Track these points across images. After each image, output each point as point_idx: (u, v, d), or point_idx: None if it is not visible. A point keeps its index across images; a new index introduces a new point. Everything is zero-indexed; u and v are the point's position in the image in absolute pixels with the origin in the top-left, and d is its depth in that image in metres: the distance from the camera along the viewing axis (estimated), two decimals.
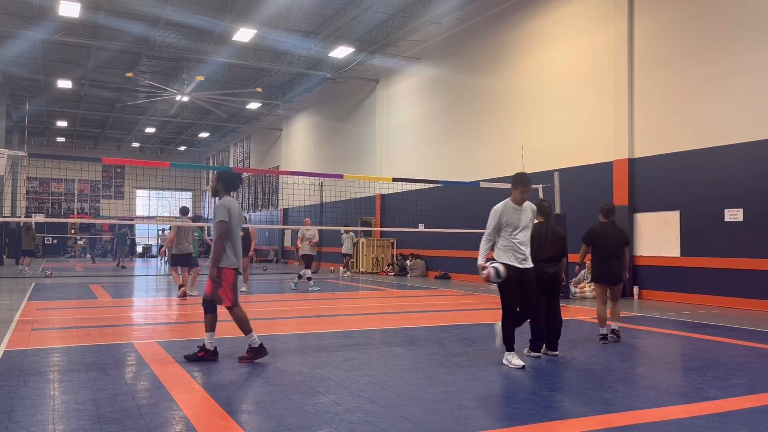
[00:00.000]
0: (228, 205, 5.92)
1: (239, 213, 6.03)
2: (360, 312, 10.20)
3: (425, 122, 20.72)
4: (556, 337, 6.36)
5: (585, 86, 14.50)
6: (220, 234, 5.83)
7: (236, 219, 5.96)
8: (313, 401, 4.45)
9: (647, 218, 12.96)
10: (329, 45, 20.71)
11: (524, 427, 3.91)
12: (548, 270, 6.33)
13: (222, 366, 5.67)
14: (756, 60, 11.06)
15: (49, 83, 27.47)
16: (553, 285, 6.39)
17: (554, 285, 6.40)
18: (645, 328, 8.49)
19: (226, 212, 5.89)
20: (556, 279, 6.40)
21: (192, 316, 9.53)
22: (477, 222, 16.37)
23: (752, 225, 11.05)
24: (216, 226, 5.85)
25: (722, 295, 11.47)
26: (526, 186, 5.85)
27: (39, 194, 43.03)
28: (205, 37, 21.12)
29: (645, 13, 13.17)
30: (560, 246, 6.49)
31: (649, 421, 4.05)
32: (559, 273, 6.49)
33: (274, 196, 35.67)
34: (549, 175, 13.65)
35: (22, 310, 9.84)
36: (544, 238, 6.37)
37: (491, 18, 17.63)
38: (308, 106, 30.21)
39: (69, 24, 19.20)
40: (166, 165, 10.23)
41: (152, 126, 37.39)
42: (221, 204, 5.93)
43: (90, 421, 3.92)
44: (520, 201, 5.87)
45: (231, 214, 5.91)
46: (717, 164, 11.65)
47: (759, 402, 4.57)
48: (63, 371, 5.36)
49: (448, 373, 5.45)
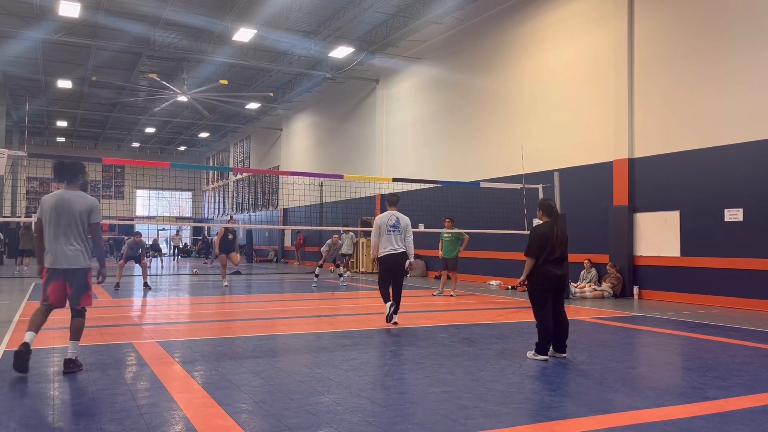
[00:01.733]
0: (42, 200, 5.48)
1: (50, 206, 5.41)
2: (360, 312, 10.20)
3: (425, 122, 20.72)
4: (564, 339, 6.23)
5: (585, 86, 14.49)
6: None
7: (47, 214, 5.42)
8: (313, 401, 4.45)
9: (647, 218, 12.96)
10: (329, 45, 20.71)
11: (524, 427, 3.91)
12: (556, 272, 6.17)
13: (222, 366, 5.66)
14: (756, 60, 11.06)
15: (49, 83, 27.47)
16: (561, 286, 6.28)
17: (562, 286, 6.30)
18: (645, 328, 8.49)
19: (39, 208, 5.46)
20: (564, 280, 6.29)
21: (192, 316, 9.53)
22: (477, 222, 16.41)
23: (752, 225, 11.05)
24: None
25: (722, 295, 11.47)
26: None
27: (39, 194, 43.01)
28: (205, 37, 21.12)
29: (645, 13, 13.17)
30: (566, 246, 6.39)
31: (649, 421, 4.04)
32: (566, 274, 6.46)
33: (274, 196, 35.67)
34: (549, 175, 13.65)
35: (22, 310, 9.84)
36: (555, 239, 6.18)
37: (491, 18, 17.63)
38: (308, 106, 30.21)
39: (69, 24, 19.20)
40: (166, 165, 10.23)
41: (152, 126, 37.40)
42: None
43: (90, 421, 3.92)
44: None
45: (42, 209, 5.44)
46: (717, 164, 11.65)
47: (759, 402, 4.57)
48: (63, 371, 5.35)
49: (448, 373, 5.45)
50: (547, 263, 6.11)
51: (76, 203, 5.37)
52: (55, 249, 5.32)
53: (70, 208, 5.34)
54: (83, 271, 5.39)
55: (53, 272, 5.35)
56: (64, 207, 5.34)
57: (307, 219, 28.02)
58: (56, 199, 5.37)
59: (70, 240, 5.33)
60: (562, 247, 6.23)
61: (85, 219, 5.39)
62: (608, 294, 12.90)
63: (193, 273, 20.95)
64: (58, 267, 5.32)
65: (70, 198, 5.38)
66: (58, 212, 5.33)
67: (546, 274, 6.11)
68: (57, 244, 5.32)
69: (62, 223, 5.32)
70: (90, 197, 5.49)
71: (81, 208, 5.37)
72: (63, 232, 5.32)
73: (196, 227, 43.64)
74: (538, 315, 6.18)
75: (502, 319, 9.33)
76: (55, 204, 5.35)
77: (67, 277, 5.35)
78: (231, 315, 9.86)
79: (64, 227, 5.32)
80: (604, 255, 13.62)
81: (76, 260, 5.35)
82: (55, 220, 5.33)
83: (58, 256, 5.31)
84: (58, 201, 5.36)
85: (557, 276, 6.18)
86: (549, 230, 6.19)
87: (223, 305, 11.24)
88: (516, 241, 14.70)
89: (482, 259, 17.55)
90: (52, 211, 5.34)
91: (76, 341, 5.39)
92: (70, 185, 5.48)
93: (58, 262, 5.32)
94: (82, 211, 5.37)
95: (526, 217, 13.67)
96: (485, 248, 17.24)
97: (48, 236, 5.35)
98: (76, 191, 5.47)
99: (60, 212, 5.33)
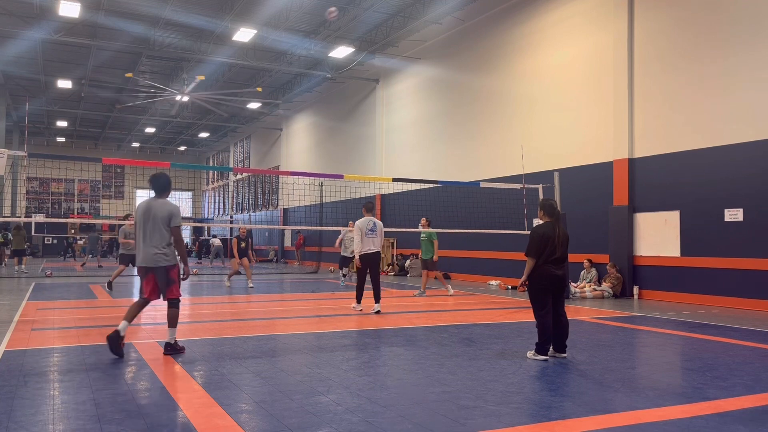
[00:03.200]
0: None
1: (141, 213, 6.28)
2: (360, 312, 10.19)
3: (425, 122, 20.72)
4: (564, 339, 6.20)
5: (585, 86, 14.50)
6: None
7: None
8: (313, 401, 4.45)
9: (647, 218, 12.96)
10: (329, 45, 20.71)
11: (524, 427, 3.90)
12: (557, 272, 6.12)
13: (222, 366, 5.67)
14: (756, 59, 11.05)
15: (49, 83, 27.47)
16: (561, 287, 6.25)
17: (562, 287, 6.26)
18: (645, 328, 8.49)
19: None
20: (564, 281, 6.25)
21: (192, 316, 9.53)
22: (477, 222, 16.41)
23: (752, 225, 11.05)
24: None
25: (722, 295, 11.47)
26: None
27: (39, 194, 43.04)
28: (205, 37, 21.12)
29: (645, 13, 13.17)
30: (567, 247, 6.33)
31: (649, 421, 4.04)
32: (566, 274, 6.43)
33: (273, 196, 35.67)
34: (549, 175, 13.65)
35: (22, 310, 9.84)
36: (556, 239, 6.13)
37: (491, 18, 17.63)
38: (308, 106, 30.21)
39: (69, 24, 19.20)
40: (166, 165, 10.22)
41: (152, 126, 37.40)
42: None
43: (90, 421, 3.92)
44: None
45: (135, 215, 6.35)
46: (717, 164, 11.65)
47: (759, 402, 4.57)
48: (63, 371, 5.36)
49: (448, 373, 5.45)
50: (547, 263, 6.07)
51: (160, 210, 6.17)
52: (142, 250, 6.17)
53: (154, 215, 6.16)
54: (166, 269, 6.19)
55: (141, 270, 6.24)
56: (149, 213, 6.16)
57: (307, 219, 28.02)
58: (145, 207, 6.23)
59: (153, 242, 6.13)
60: (562, 247, 6.19)
61: (166, 223, 6.16)
62: (608, 294, 12.90)
63: (194, 273, 20.95)
64: (145, 265, 6.17)
65: (156, 206, 6.21)
66: (145, 218, 6.17)
67: (546, 274, 6.07)
68: (144, 246, 6.16)
69: (148, 227, 6.15)
70: (172, 204, 6.29)
71: (163, 214, 6.16)
72: (148, 236, 6.14)
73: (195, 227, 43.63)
74: (537, 315, 6.17)
75: (502, 319, 9.33)
76: (143, 211, 6.19)
77: (155, 273, 6.20)
78: (231, 315, 9.86)
79: (149, 231, 6.14)
80: (604, 255, 13.62)
81: (158, 260, 6.13)
82: (142, 225, 6.16)
83: (144, 257, 6.16)
84: (146, 208, 6.21)
85: (557, 276, 6.14)
86: (550, 230, 6.14)
87: (224, 305, 11.24)
88: (516, 241, 14.70)
89: (482, 259, 17.55)
90: (141, 217, 6.19)
91: (173, 328, 6.28)
92: (159, 195, 6.35)
93: (144, 261, 6.16)
94: (164, 217, 6.15)
95: (526, 217, 13.67)
96: (485, 248, 17.24)
97: (137, 239, 6.22)
98: (162, 199, 6.31)
99: (147, 218, 6.16)
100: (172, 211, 6.19)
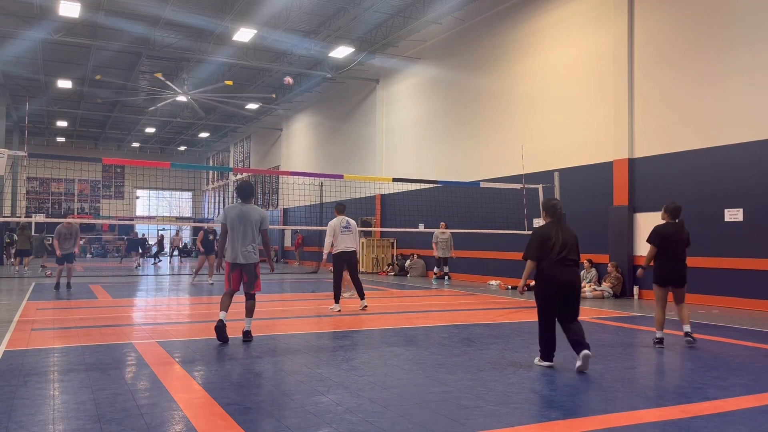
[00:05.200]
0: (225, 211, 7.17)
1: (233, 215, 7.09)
2: (360, 312, 10.19)
3: (425, 122, 20.72)
4: (577, 345, 5.71)
5: (585, 86, 14.49)
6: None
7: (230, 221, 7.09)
8: (313, 401, 4.45)
9: (647, 218, 12.95)
10: (329, 45, 20.71)
11: (524, 427, 3.90)
12: (563, 277, 5.71)
13: (222, 366, 5.67)
14: (756, 60, 11.06)
15: (49, 83, 27.46)
16: (570, 293, 5.79)
17: (571, 293, 5.80)
18: (645, 328, 8.49)
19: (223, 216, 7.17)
20: (574, 287, 5.80)
21: (192, 316, 9.53)
22: (477, 222, 16.41)
23: (752, 225, 11.05)
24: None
25: (722, 295, 11.47)
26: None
27: (39, 194, 43.01)
28: (205, 37, 21.11)
29: (645, 13, 13.17)
30: (576, 248, 5.89)
31: (649, 421, 4.04)
32: (577, 280, 5.90)
33: (274, 196, 35.67)
34: (549, 175, 13.65)
35: (22, 310, 9.84)
36: (557, 240, 5.73)
37: (491, 18, 17.63)
38: (308, 106, 30.21)
39: (69, 24, 19.19)
40: (166, 165, 10.23)
41: (152, 126, 37.38)
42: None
43: (90, 421, 3.92)
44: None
45: (226, 217, 7.10)
46: (717, 164, 11.65)
47: (759, 402, 4.57)
48: (63, 371, 5.36)
49: (448, 373, 5.45)
50: (552, 266, 5.67)
51: (253, 214, 7.04)
52: (236, 248, 6.96)
53: (248, 218, 7.00)
54: (254, 265, 7.08)
55: (233, 266, 7.01)
56: (243, 216, 6.99)
57: (307, 219, 28.02)
58: (238, 210, 7.03)
59: (246, 241, 6.98)
60: (567, 249, 5.72)
61: (257, 226, 7.06)
62: (608, 294, 12.90)
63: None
64: (237, 262, 6.97)
65: (248, 210, 7.06)
66: (240, 220, 6.96)
67: (551, 279, 5.68)
68: (237, 245, 6.96)
69: (241, 229, 6.96)
70: (262, 210, 7.17)
71: (256, 218, 7.05)
72: (242, 236, 6.96)
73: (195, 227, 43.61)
74: (539, 321, 5.84)
75: (502, 319, 9.33)
76: (237, 214, 7.00)
77: (244, 269, 7.03)
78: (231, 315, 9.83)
79: (243, 232, 6.96)
80: (604, 255, 13.62)
81: (250, 257, 7.01)
82: (237, 226, 6.96)
83: (238, 254, 6.96)
84: (240, 212, 7.02)
85: (564, 283, 5.67)
86: (549, 232, 5.80)
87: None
88: (516, 241, 14.69)
89: (482, 259, 17.56)
90: (235, 219, 6.97)
91: (250, 318, 7.12)
92: (246, 201, 7.14)
93: (237, 258, 6.96)
94: (256, 220, 7.05)
95: (526, 217, 13.66)
96: (485, 248, 17.25)
97: (231, 238, 7.00)
98: (251, 205, 7.15)
99: (241, 220, 6.96)
100: (263, 215, 7.13)
